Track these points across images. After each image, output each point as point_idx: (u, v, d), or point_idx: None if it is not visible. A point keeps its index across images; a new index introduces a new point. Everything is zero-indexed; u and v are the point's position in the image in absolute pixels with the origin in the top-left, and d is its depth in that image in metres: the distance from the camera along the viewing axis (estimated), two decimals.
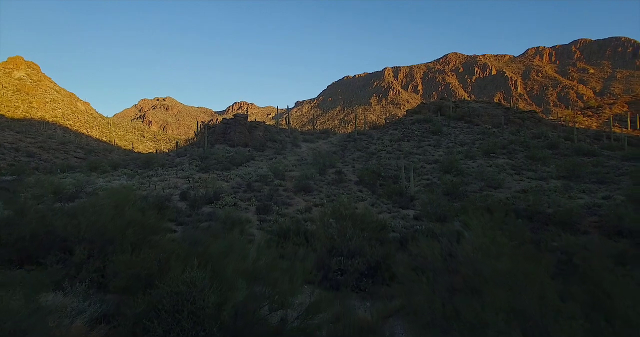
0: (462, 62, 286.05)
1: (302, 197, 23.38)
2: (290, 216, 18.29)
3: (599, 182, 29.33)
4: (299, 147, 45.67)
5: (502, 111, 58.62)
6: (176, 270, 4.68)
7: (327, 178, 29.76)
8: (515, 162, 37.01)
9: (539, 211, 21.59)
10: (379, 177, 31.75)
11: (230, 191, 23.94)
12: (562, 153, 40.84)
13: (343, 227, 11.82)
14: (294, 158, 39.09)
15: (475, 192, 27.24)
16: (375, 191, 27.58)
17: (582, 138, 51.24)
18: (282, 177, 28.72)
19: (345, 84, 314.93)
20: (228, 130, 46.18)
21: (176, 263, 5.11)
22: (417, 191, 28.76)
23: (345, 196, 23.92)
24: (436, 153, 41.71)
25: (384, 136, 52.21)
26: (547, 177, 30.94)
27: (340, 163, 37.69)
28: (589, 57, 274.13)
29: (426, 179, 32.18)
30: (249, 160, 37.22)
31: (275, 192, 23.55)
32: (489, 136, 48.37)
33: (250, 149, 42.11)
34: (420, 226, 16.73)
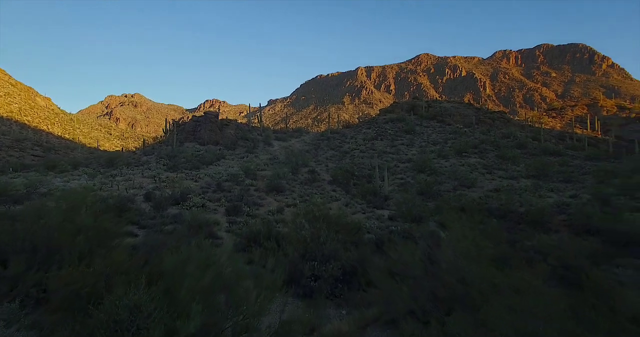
0: (433, 63, 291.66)
1: (274, 198, 22.58)
2: (261, 217, 17.49)
3: (565, 181, 30.07)
4: (272, 145, 44.70)
5: (473, 111, 59.68)
6: (119, 290, 3.88)
7: (300, 177, 29.07)
8: (487, 161, 37.54)
9: (511, 210, 21.72)
10: (353, 176, 31.35)
11: (199, 191, 22.84)
12: (531, 152, 41.85)
13: (317, 229, 11.18)
14: (266, 157, 38.14)
15: (449, 191, 27.27)
16: (349, 190, 27.12)
17: (548, 138, 52.82)
18: (254, 176, 27.80)
19: (319, 83, 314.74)
20: (198, 128, 44.65)
21: (121, 281, 4.30)
22: (391, 190, 28.52)
23: (319, 196, 23.33)
24: (409, 152, 41.80)
25: (358, 135, 52.01)
26: (518, 176, 31.46)
27: (313, 162, 37.07)
28: (551, 62, 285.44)
29: (400, 178, 32.04)
30: (220, 159, 36.00)
31: (246, 192, 22.65)
32: (461, 136, 49.03)
33: (221, 148, 40.81)
34: (395, 227, 16.32)
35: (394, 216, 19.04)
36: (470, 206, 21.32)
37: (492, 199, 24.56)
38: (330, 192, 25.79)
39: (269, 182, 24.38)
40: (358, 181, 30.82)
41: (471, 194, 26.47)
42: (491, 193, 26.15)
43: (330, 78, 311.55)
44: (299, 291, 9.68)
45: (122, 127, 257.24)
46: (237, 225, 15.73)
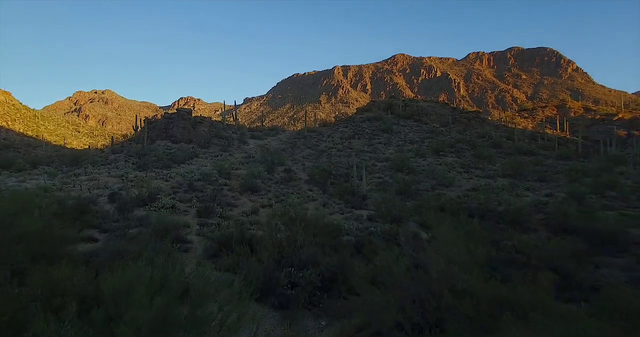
0: (409, 63, 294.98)
1: (248, 198, 21.62)
2: (234, 218, 16.55)
3: (540, 180, 30.42)
4: (247, 144, 43.51)
5: (449, 111, 60.21)
6: (39, 323, 3.00)
7: (276, 177, 28.17)
8: (464, 160, 37.68)
9: (490, 209, 21.57)
10: (330, 175, 30.69)
11: (170, 191, 21.61)
12: (505, 152, 42.39)
13: (293, 232, 10.40)
14: (241, 155, 37.00)
15: (428, 190, 27.01)
16: (326, 190, 26.44)
17: (521, 138, 53.85)
18: (228, 175, 26.71)
19: (295, 81, 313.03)
20: (170, 126, 42.95)
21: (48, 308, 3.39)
22: (369, 189, 28.02)
23: (295, 196, 22.53)
24: (387, 151, 41.54)
25: (335, 134, 51.45)
26: (494, 175, 31.62)
27: (289, 161, 36.19)
28: (521, 64, 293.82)
29: (378, 177, 31.62)
30: (193, 158, 34.61)
31: (220, 192, 21.59)
32: (438, 135, 49.26)
33: (194, 146, 39.34)
34: (375, 228, 15.73)
35: (373, 216, 18.47)
36: (449, 205, 21.02)
37: (471, 199, 24.42)
38: (307, 191, 25.03)
39: (243, 182, 23.38)
40: (335, 180, 30.20)
41: (449, 193, 26.29)
42: (469, 192, 26.06)
43: (307, 77, 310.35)
44: (274, 301, 8.88)
45: (91, 124, 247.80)
46: (209, 227, 14.75)
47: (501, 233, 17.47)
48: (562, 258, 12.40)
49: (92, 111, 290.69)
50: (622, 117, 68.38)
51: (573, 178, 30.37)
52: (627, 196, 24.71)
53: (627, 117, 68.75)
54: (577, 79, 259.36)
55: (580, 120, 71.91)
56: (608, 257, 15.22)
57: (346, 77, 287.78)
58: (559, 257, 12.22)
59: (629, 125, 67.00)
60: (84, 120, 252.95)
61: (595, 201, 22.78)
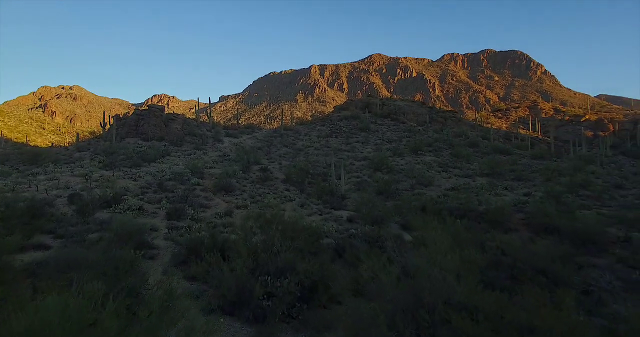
0: (385, 63, 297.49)
1: (222, 198, 20.55)
2: (207, 220, 15.52)
3: (517, 179, 30.61)
4: (222, 142, 42.15)
5: (426, 110, 60.49)
6: None
7: (252, 176, 27.14)
8: (442, 159, 37.67)
9: (471, 209, 21.31)
10: (308, 174, 29.91)
11: (138, 191, 20.27)
12: (482, 151, 42.74)
13: (270, 236, 9.55)
14: (216, 154, 35.69)
15: (407, 190, 26.63)
16: (303, 189, 25.63)
17: (496, 138, 54.66)
18: (201, 175, 25.50)
19: (272, 79, 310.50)
20: (141, 123, 41.09)
21: None
22: (348, 189, 27.41)
23: (272, 196, 21.62)
24: (365, 150, 41.10)
25: (312, 132, 50.71)
26: (473, 174, 31.63)
27: (265, 160, 35.19)
28: (494, 66, 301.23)
29: (356, 176, 31.07)
30: (164, 156, 33.09)
31: (192, 193, 20.44)
32: (415, 134, 49.28)
33: (166, 144, 37.71)
34: (355, 230, 15.06)
35: (353, 217, 17.80)
36: (430, 205, 20.61)
37: (451, 198, 24.18)
38: (284, 191, 24.15)
39: (217, 182, 22.25)
40: (313, 180, 29.44)
41: (429, 192, 25.99)
42: (449, 192, 25.82)
43: (284, 75, 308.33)
44: (248, 314, 8.02)
45: (59, 121, 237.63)
46: (179, 231, 13.69)
47: (483, 234, 17.17)
48: (548, 260, 12.09)
49: (59, 107, 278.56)
50: (589, 118, 70.61)
51: (548, 177, 30.73)
52: (599, 194, 25.07)
53: (593, 118, 71.04)
54: (546, 81, 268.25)
55: (551, 121, 73.87)
56: (589, 257, 15.11)
57: (323, 76, 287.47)
58: (544, 259, 11.86)
59: (595, 127, 69.28)
60: (51, 117, 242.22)
61: (571, 201, 22.95)
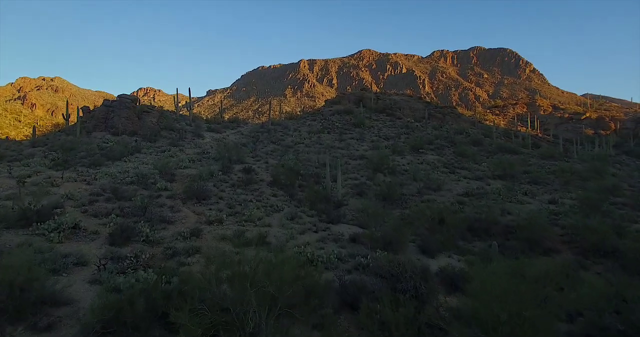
0: (375, 58, 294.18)
1: (193, 208, 16.53)
2: (165, 244, 11.53)
3: (533, 182, 27.20)
4: (202, 137, 37.87)
5: (423, 105, 57.00)
6: None
7: (233, 178, 23.12)
8: (446, 159, 34.11)
9: (494, 221, 17.78)
10: (298, 176, 26.05)
11: (85, 199, 16.12)
12: (487, 150, 39.38)
13: (243, 302, 5.65)
14: (194, 151, 31.49)
15: (414, 195, 22.95)
16: (294, 194, 21.73)
17: (497, 135, 51.51)
18: (172, 176, 21.39)
19: (260, 74, 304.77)
20: (111, 115, 36.57)
21: None
22: (345, 193, 23.62)
23: (255, 205, 17.61)
24: (361, 147, 37.31)
25: (302, 127, 46.70)
26: (483, 176, 28.10)
27: (250, 158, 31.17)
28: (483, 63, 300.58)
29: (354, 178, 27.27)
30: (133, 154, 28.85)
31: (154, 201, 16.38)
32: (413, 131, 45.67)
33: (137, 139, 33.33)
34: (365, 258, 11.29)
35: (357, 236, 13.96)
36: (449, 217, 16.89)
37: (468, 206, 20.60)
38: (270, 197, 20.24)
39: (188, 186, 18.15)
40: (304, 182, 25.58)
41: (440, 198, 22.37)
42: (463, 198, 22.23)
43: (272, 70, 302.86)
44: None
45: (39, 114, 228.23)
46: (121, 263, 9.69)
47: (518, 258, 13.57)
48: None
49: (39, 100, 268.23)
50: (589, 116, 68.12)
51: (566, 180, 27.44)
52: (637, 202, 21.72)
53: (593, 116, 68.60)
54: (534, 79, 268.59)
55: (550, 119, 71.21)
56: None
57: (312, 71, 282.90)
58: None
59: (596, 125, 66.82)
60: (30, 110, 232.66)
61: (611, 211, 19.51)
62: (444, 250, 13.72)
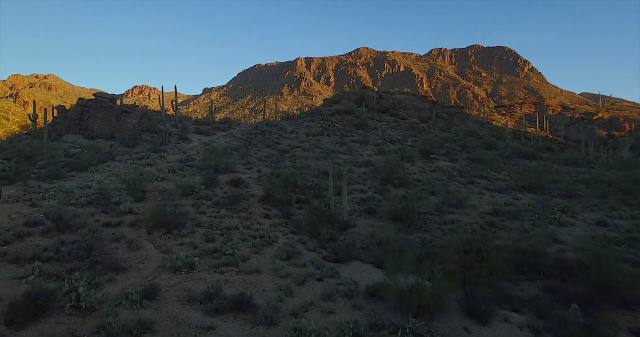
0: (372, 57, 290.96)
1: (160, 242, 12.72)
2: (102, 315, 7.77)
3: (567, 195, 23.60)
4: (189, 141, 34.01)
5: (429, 105, 53.32)
6: None
7: (218, 193, 19.36)
8: (460, 165, 30.49)
9: (543, 253, 14.13)
10: (296, 188, 22.34)
11: (12, 232, 12.24)
12: (503, 154, 35.76)
13: None
14: (176, 158, 27.66)
15: (433, 214, 19.28)
16: (290, 214, 17.98)
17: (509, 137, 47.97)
18: (142, 194, 17.58)
19: (257, 72, 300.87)
20: (86, 116, 32.67)
21: None
22: (351, 211, 19.92)
23: (240, 235, 13.79)
24: (365, 152, 33.61)
25: (299, 129, 42.98)
26: (507, 187, 24.46)
27: (241, 165, 27.44)
28: (481, 62, 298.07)
29: (360, 190, 23.56)
30: (105, 161, 25.02)
31: (110, 234, 12.56)
32: (420, 132, 42.04)
33: (113, 144, 29.47)
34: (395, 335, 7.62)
35: (377, 288, 10.17)
36: (489, 251, 13.12)
37: (500, 229, 16.95)
38: (262, 220, 16.50)
39: (157, 211, 14.26)
40: (303, 195, 21.88)
41: (464, 218, 18.72)
42: (492, 218, 18.56)
43: (269, 68, 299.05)
44: None
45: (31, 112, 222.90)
46: None
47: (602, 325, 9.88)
48: None
49: (32, 97, 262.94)
50: (602, 116, 64.70)
51: (604, 192, 23.84)
52: None
53: (606, 116, 65.18)
54: (533, 78, 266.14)
55: (560, 119, 67.77)
56: None
57: (309, 69, 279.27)
58: None
59: (609, 125, 63.44)
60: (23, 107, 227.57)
61: None
62: (493, 304, 10.08)
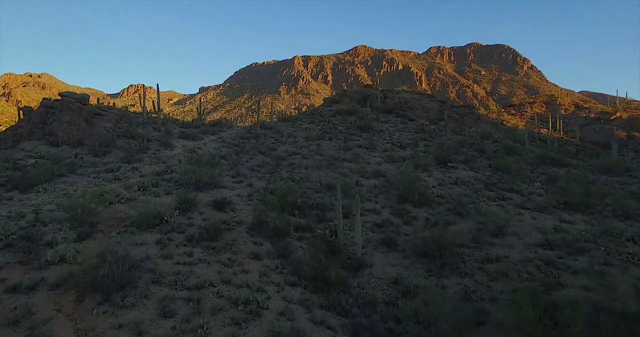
0: (371, 55, 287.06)
1: (86, 322, 8.43)
2: None
3: (624, 215, 19.51)
4: (171, 147, 29.70)
5: (438, 104, 49.19)
6: None
7: (196, 221, 15.11)
8: (483, 175, 26.36)
9: (623, 312, 10.05)
10: (294, 208, 18.16)
11: None
12: (526, 161, 31.65)
13: None
14: (153, 169, 23.38)
15: (470, 246, 15.15)
16: (287, 252, 13.78)
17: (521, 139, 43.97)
18: (90, 227, 13.31)
19: (254, 71, 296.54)
20: (50, 119, 28.35)
21: None
22: (366, 241, 15.74)
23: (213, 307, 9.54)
24: (373, 159, 29.39)
25: (297, 132, 38.75)
26: (546, 205, 20.32)
27: (230, 177, 23.23)
28: (480, 60, 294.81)
29: (372, 210, 19.35)
30: (64, 175, 20.76)
31: (3, 311, 8.30)
32: (431, 135, 37.88)
33: (78, 152, 25.16)
34: None
35: None
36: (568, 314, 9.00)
37: (563, 271, 12.83)
38: (249, 264, 12.30)
39: (92, 266, 9.92)
40: (303, 218, 17.71)
41: (509, 252, 14.60)
42: (545, 251, 14.45)
43: (266, 66, 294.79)
44: None
45: None
46: None
47: None
48: None
49: (25, 97, 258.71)
50: (620, 116, 60.76)
51: None
52: None
53: (624, 116, 61.22)
54: (532, 76, 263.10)
55: (574, 119, 63.81)
56: None
57: (307, 68, 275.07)
58: None
59: (629, 126, 59.49)
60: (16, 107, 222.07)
61: None
62: None
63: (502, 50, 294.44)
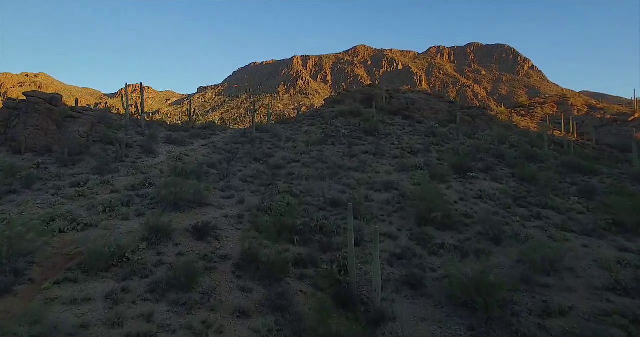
0: (370, 55, 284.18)
1: None
2: None
3: None
4: (155, 154, 26.29)
5: (447, 105, 45.91)
6: None
7: (166, 258, 11.74)
8: (507, 186, 23.08)
9: None
10: (293, 234, 14.81)
11: None
12: (549, 167, 28.38)
13: None
14: (127, 182, 19.95)
15: (519, 290, 11.85)
16: (285, 303, 10.41)
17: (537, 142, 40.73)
18: (14, 274, 9.93)
19: (252, 70, 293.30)
20: (14, 122, 24.94)
21: None
22: (386, 282, 12.38)
23: None
24: (382, 168, 26.04)
25: (297, 135, 35.40)
26: (594, 226, 17.09)
27: (218, 190, 19.88)
28: (481, 60, 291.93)
29: (387, 234, 15.99)
30: (17, 191, 17.40)
31: None
32: (442, 139, 34.58)
33: (40, 162, 21.72)
34: None
35: None
36: None
37: None
38: (234, 325, 8.95)
39: None
40: (304, 246, 14.36)
41: (574, 298, 11.31)
42: (619, 298, 11.18)
43: (265, 66, 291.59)
44: None
45: None
46: None
47: None
48: None
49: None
50: (638, 117, 57.54)
51: None
52: None
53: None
54: (533, 76, 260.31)
55: (588, 120, 60.58)
56: None
57: (306, 68, 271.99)
58: None
59: None
60: None
61: None
62: None
63: (502, 50, 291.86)
